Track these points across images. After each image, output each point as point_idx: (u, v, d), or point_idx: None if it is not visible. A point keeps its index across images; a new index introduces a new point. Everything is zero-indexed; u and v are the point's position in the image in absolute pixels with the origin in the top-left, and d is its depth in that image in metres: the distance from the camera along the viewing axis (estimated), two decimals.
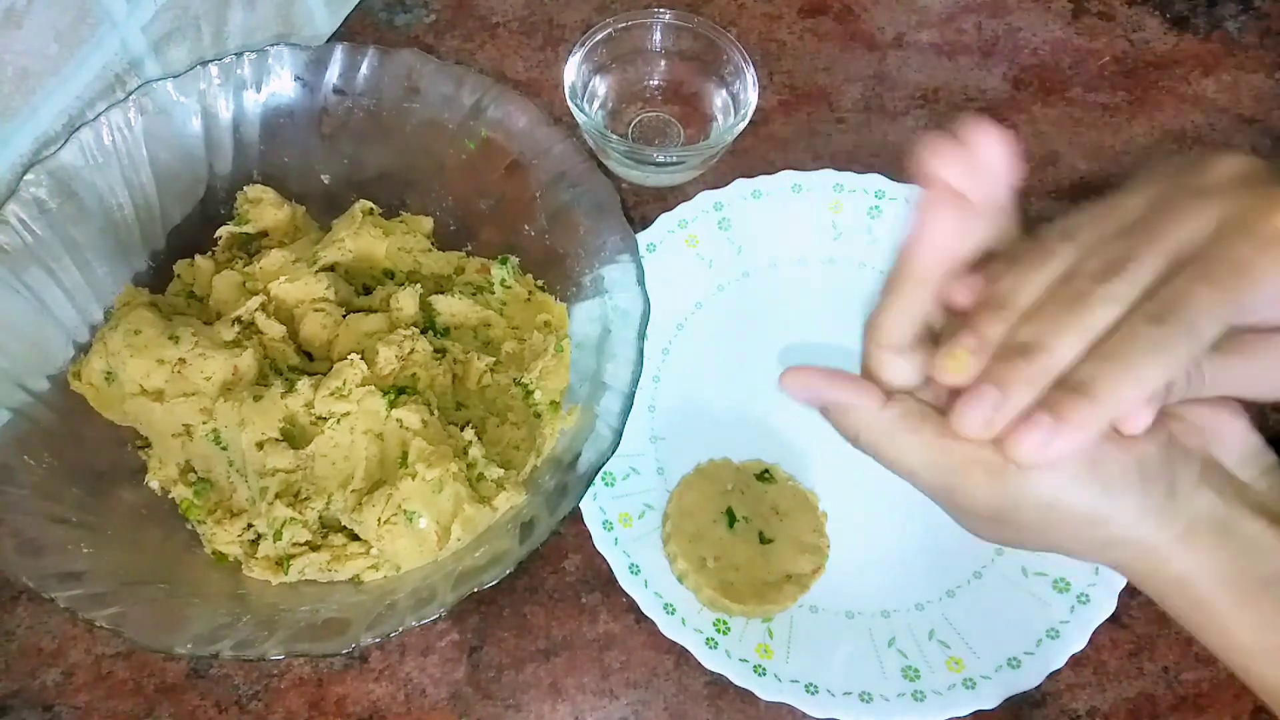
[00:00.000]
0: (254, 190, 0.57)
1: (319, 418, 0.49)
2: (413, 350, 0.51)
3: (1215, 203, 0.32)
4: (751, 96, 0.60)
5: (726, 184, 0.60)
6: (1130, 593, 0.49)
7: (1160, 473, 0.33)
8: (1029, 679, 0.48)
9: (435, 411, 0.50)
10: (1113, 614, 0.49)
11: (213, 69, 0.55)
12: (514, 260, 0.56)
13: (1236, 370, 0.34)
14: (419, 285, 0.54)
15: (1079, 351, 0.31)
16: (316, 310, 0.52)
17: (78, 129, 0.52)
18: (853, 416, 0.35)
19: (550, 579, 0.52)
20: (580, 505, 0.50)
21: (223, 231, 0.56)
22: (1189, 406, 0.35)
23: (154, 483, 0.51)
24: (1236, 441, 0.35)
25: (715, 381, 0.56)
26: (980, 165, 0.32)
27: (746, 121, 0.60)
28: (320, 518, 0.49)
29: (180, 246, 0.56)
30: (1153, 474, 0.33)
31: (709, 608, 0.50)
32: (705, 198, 0.59)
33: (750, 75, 0.61)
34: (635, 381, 0.48)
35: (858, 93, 0.66)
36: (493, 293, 0.56)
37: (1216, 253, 0.31)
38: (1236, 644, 0.34)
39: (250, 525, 0.49)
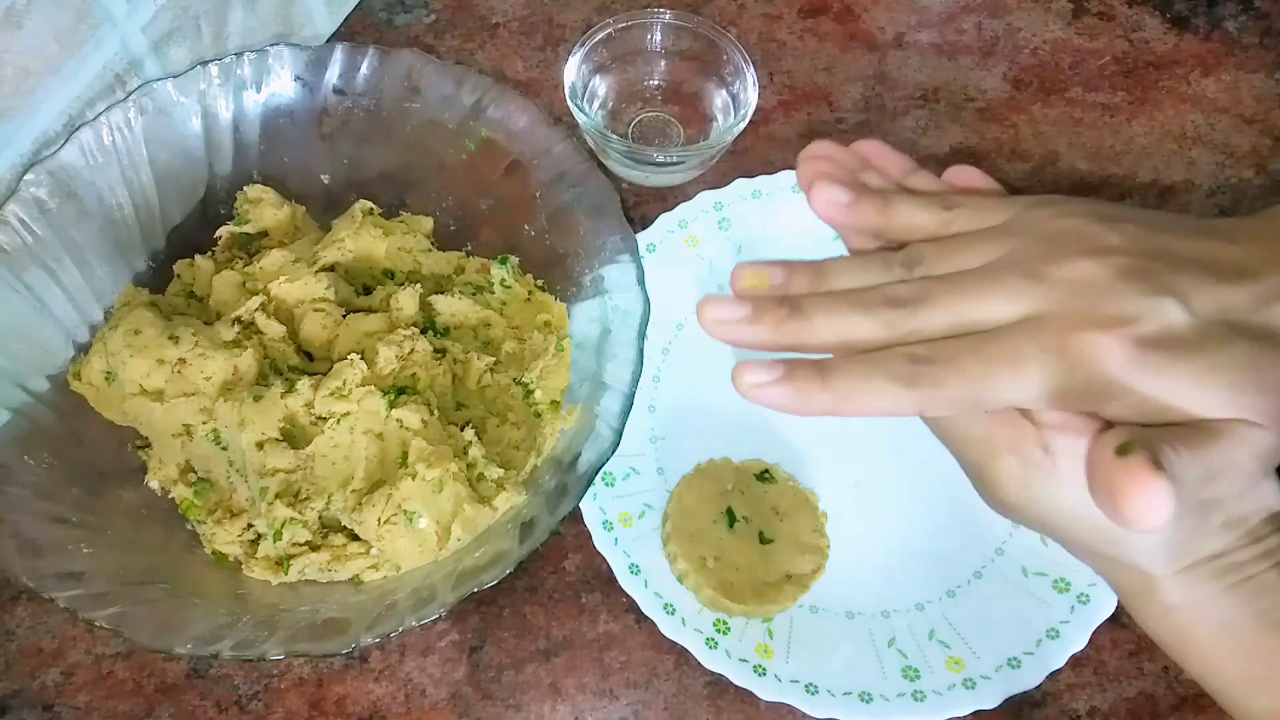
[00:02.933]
0: (254, 190, 0.57)
1: (319, 418, 0.49)
2: (413, 350, 0.51)
3: (1038, 296, 0.32)
4: (751, 96, 0.60)
5: (726, 184, 0.60)
6: None
7: (1191, 514, 0.33)
8: (1029, 679, 0.48)
9: (435, 411, 0.50)
10: (1113, 614, 0.49)
11: (213, 69, 0.55)
12: (514, 260, 0.56)
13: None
14: (419, 285, 0.54)
15: (828, 341, 0.33)
16: (316, 310, 0.52)
17: (78, 129, 0.52)
18: (915, 406, 0.35)
19: (550, 579, 0.52)
20: (580, 505, 0.50)
21: (223, 231, 0.56)
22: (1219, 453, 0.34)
23: (154, 483, 0.51)
24: (1267, 502, 0.34)
25: (715, 381, 0.56)
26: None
27: (746, 121, 0.60)
28: (320, 518, 0.49)
29: (180, 246, 0.56)
30: (1187, 513, 0.33)
31: (709, 608, 0.50)
32: (705, 198, 0.59)
33: (750, 75, 0.61)
34: (635, 381, 0.48)
35: (858, 93, 0.66)
36: (493, 293, 0.56)
37: (1006, 335, 0.32)
38: (1220, 673, 0.34)
39: (250, 525, 0.49)
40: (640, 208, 0.62)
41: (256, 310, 0.52)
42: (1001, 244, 0.35)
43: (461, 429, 0.50)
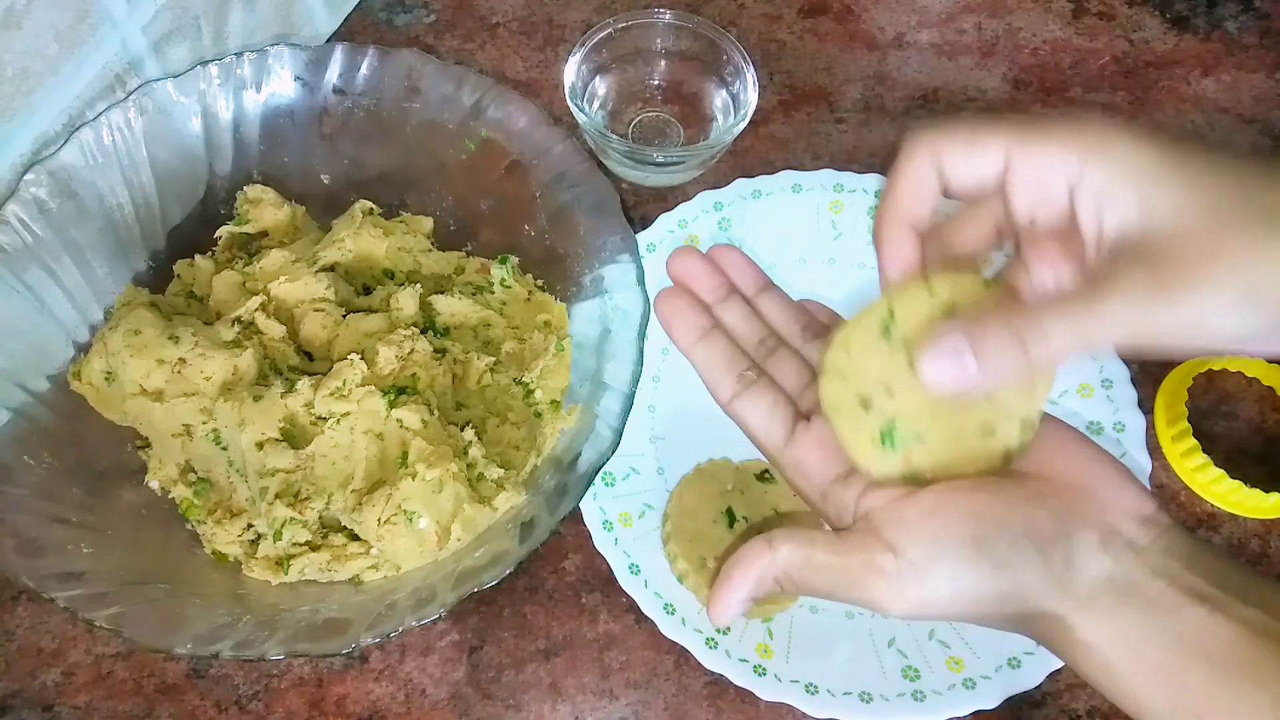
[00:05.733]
0: (254, 190, 0.57)
1: (319, 418, 0.49)
2: (413, 350, 0.51)
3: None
4: (751, 96, 0.60)
5: (726, 184, 0.60)
6: None
7: (1057, 542, 0.34)
8: (1029, 679, 0.48)
9: (435, 411, 0.50)
10: None
11: (213, 69, 0.55)
12: (514, 260, 0.56)
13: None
14: (419, 285, 0.54)
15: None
16: (316, 310, 0.53)
17: (78, 129, 0.52)
18: (772, 584, 0.37)
19: (550, 579, 0.52)
20: (580, 505, 0.50)
21: (223, 231, 0.56)
22: (1076, 470, 0.36)
23: (154, 483, 0.51)
24: (1132, 506, 0.35)
25: None
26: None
27: (746, 121, 0.60)
28: (320, 518, 0.49)
29: (180, 246, 0.56)
30: (1049, 544, 0.34)
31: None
32: (705, 198, 0.59)
33: (750, 75, 0.61)
34: (635, 381, 0.48)
35: (858, 93, 0.66)
36: (493, 293, 0.56)
37: None
38: (1150, 708, 0.34)
39: (250, 525, 0.49)
40: (640, 208, 0.62)
41: (256, 310, 0.52)
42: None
43: (461, 429, 0.50)
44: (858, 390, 0.37)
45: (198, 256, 0.56)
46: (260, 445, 0.49)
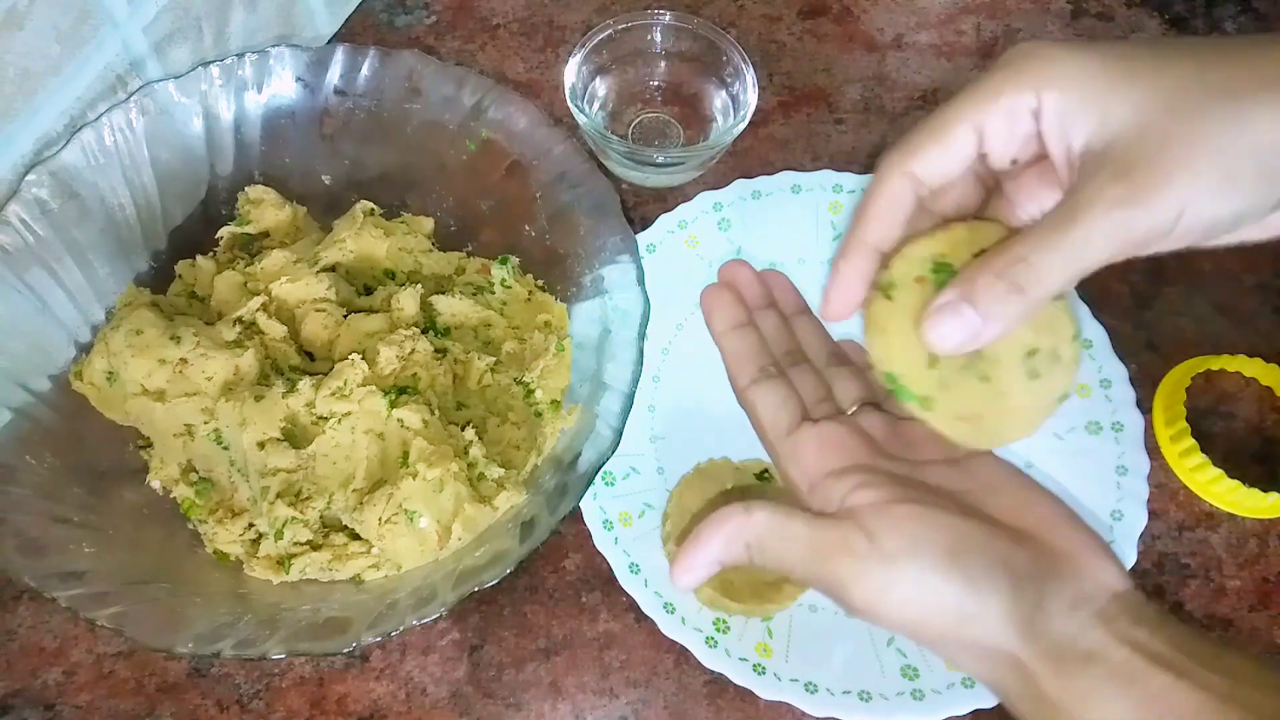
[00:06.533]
0: (255, 191, 0.57)
1: (320, 417, 0.49)
2: (413, 350, 0.51)
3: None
4: (751, 97, 0.60)
5: (726, 184, 0.60)
6: None
7: (1030, 583, 0.34)
8: None
9: (436, 411, 0.50)
10: None
11: (214, 70, 0.55)
12: (514, 260, 0.56)
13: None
14: (420, 285, 0.54)
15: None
16: (318, 310, 0.53)
17: (79, 129, 0.52)
18: (743, 549, 0.37)
19: (550, 578, 0.53)
20: (580, 505, 0.50)
21: (224, 232, 0.56)
22: (1061, 539, 0.35)
23: (155, 482, 0.51)
24: (1109, 580, 0.35)
25: (715, 381, 0.56)
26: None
27: (746, 122, 0.60)
28: (321, 517, 0.49)
29: (182, 247, 0.56)
30: (1023, 580, 0.34)
31: (708, 607, 0.50)
32: (705, 198, 0.60)
33: (750, 76, 0.61)
34: (635, 381, 0.48)
35: (857, 93, 0.67)
36: (493, 293, 0.56)
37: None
38: None
39: (251, 525, 0.49)
40: (640, 208, 0.62)
41: (258, 310, 0.52)
42: None
43: (462, 429, 0.51)
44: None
45: (199, 257, 0.56)
46: (261, 445, 0.49)
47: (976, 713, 0.48)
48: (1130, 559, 0.51)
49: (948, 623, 0.34)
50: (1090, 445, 0.54)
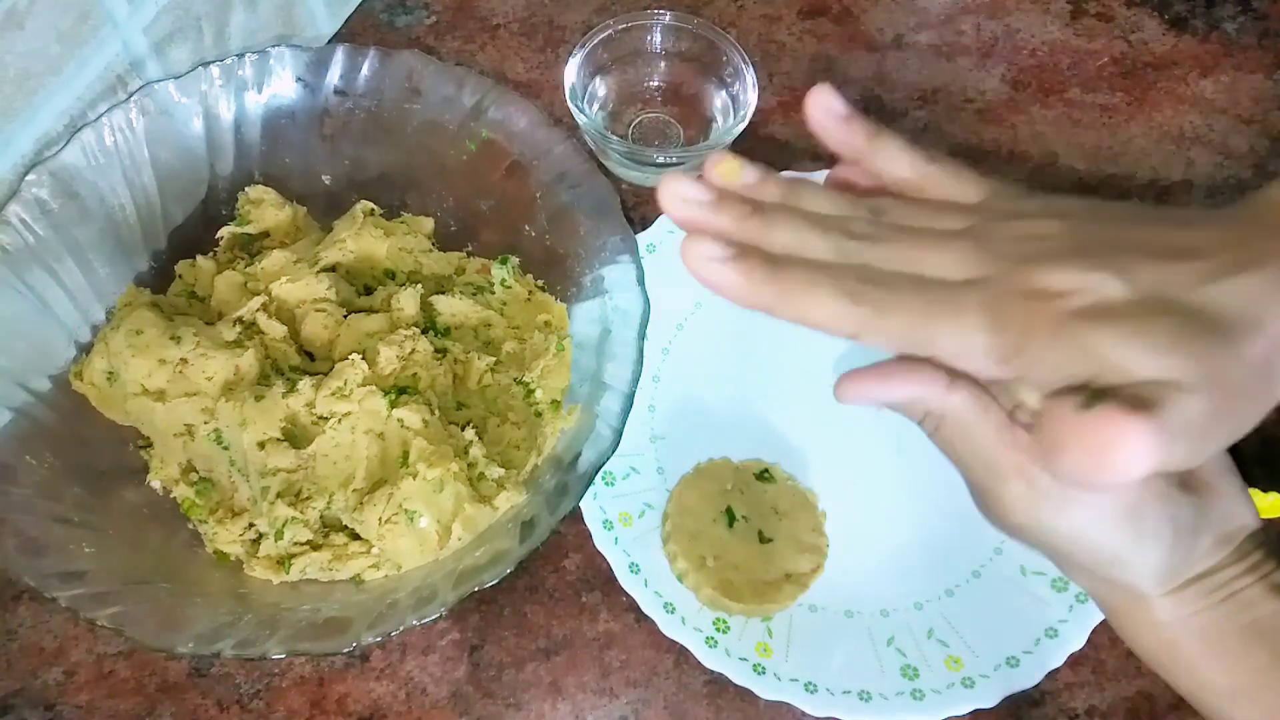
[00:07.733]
0: (255, 191, 0.57)
1: (320, 417, 0.49)
2: (414, 350, 0.51)
3: (986, 263, 0.32)
4: (751, 97, 0.60)
5: None
6: None
7: (1189, 535, 0.34)
8: (1028, 678, 0.48)
9: (436, 411, 0.50)
10: None
11: (214, 70, 0.55)
12: (514, 260, 0.56)
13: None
14: (420, 285, 0.54)
15: (778, 251, 0.32)
16: (318, 310, 0.53)
17: (79, 129, 0.52)
18: (920, 413, 0.35)
19: (550, 578, 0.53)
20: (580, 505, 0.50)
21: (224, 232, 0.56)
22: (1216, 473, 0.36)
23: (156, 482, 0.51)
24: (1246, 519, 0.35)
25: (715, 381, 0.57)
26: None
27: (746, 122, 0.60)
28: (321, 517, 0.49)
29: (182, 247, 0.56)
30: (1183, 534, 0.34)
31: (709, 607, 0.50)
32: None
33: (750, 76, 0.61)
34: (635, 381, 0.48)
35: (857, 94, 0.67)
36: (493, 293, 0.56)
37: (952, 286, 0.31)
38: (1206, 686, 0.35)
39: (252, 525, 0.49)
40: (640, 208, 0.62)
41: (258, 310, 0.52)
42: (965, 217, 0.34)
43: (462, 429, 0.51)
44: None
45: (199, 257, 0.56)
46: (262, 445, 0.49)
47: (976, 713, 0.48)
48: None
49: (1098, 561, 0.34)
50: None
